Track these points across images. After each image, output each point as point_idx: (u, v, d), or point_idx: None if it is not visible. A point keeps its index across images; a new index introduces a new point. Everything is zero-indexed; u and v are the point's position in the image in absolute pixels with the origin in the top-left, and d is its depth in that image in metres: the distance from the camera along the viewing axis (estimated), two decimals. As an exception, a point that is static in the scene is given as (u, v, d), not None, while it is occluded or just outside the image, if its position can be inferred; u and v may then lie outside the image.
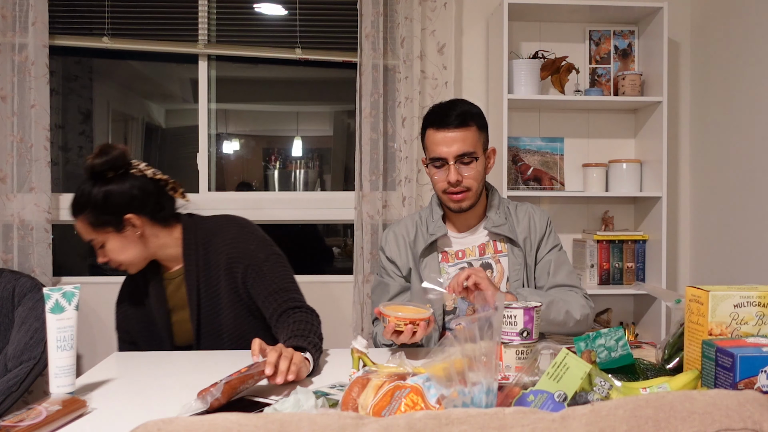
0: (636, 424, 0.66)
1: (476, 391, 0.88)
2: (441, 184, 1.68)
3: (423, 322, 1.38)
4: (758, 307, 1.06)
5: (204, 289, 1.64)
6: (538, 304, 1.24)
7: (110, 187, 1.56)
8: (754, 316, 1.06)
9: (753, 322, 1.06)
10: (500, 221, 1.74)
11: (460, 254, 1.75)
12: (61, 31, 2.84)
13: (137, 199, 1.58)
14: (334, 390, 1.19)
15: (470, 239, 1.76)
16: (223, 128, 3.15)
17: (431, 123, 1.69)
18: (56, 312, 1.21)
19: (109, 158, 1.55)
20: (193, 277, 1.63)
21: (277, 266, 1.64)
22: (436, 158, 1.67)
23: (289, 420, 0.67)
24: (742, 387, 0.95)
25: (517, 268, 1.71)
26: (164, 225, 1.65)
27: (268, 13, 3.03)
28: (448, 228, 1.77)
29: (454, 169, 1.64)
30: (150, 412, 1.13)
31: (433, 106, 1.77)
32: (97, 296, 2.82)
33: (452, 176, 1.64)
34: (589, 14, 2.94)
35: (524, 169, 2.99)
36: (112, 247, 1.60)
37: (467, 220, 1.76)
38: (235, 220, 1.71)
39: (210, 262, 1.64)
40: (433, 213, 1.77)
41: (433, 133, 1.67)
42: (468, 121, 1.66)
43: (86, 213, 1.56)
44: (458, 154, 1.65)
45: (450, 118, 1.65)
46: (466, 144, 1.65)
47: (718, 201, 2.88)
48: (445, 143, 1.65)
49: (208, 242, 1.65)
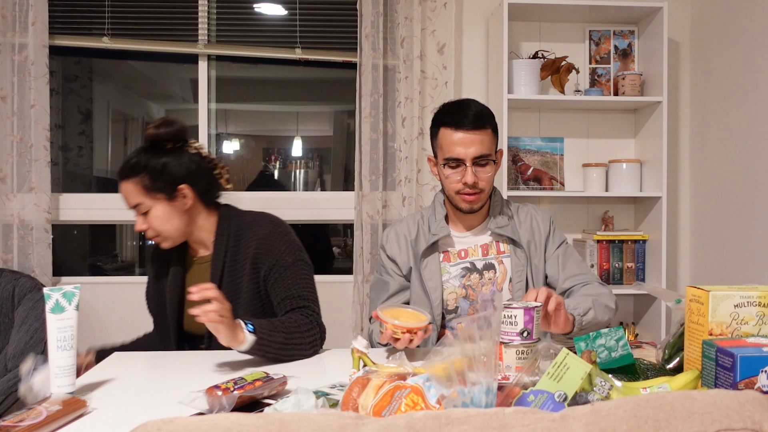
0: (636, 424, 0.67)
1: (476, 391, 0.88)
2: (455, 185, 1.66)
3: (420, 331, 1.37)
4: (758, 307, 1.06)
5: (227, 279, 1.64)
6: (538, 304, 1.24)
7: (168, 157, 1.60)
8: (755, 316, 1.06)
9: (753, 322, 1.06)
10: (503, 222, 1.73)
11: (463, 254, 1.74)
12: (61, 31, 2.84)
13: (193, 173, 1.63)
14: (334, 390, 1.19)
15: (473, 239, 1.75)
16: (223, 128, 3.15)
17: (447, 122, 1.65)
18: (56, 312, 1.21)
19: (171, 130, 1.61)
20: (219, 265, 1.64)
21: (301, 273, 1.64)
22: (453, 159, 1.64)
23: (290, 420, 0.67)
24: (743, 387, 0.96)
25: (519, 270, 1.71)
26: (207, 206, 1.69)
27: (268, 13, 3.04)
28: (451, 228, 1.76)
29: (471, 171, 1.62)
30: (150, 412, 1.13)
31: (446, 104, 1.73)
32: (97, 296, 2.82)
33: (469, 178, 1.62)
34: (589, 14, 2.94)
35: (524, 169, 2.99)
36: (158, 215, 1.61)
37: (472, 221, 1.75)
38: (271, 218, 1.72)
39: (238, 254, 1.65)
40: (436, 213, 1.76)
41: (450, 133, 1.64)
42: (485, 123, 1.64)
43: (141, 176, 1.59)
44: (476, 156, 1.62)
45: (468, 119, 1.62)
46: (483, 146, 1.63)
47: (718, 201, 2.88)
48: (463, 144, 1.62)
49: (240, 234, 1.66)
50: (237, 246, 1.65)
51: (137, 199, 1.60)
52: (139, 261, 3.27)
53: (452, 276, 1.72)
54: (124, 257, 3.25)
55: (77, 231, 3.13)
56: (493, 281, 1.72)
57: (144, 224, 1.62)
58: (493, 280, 1.72)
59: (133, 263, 3.27)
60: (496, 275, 1.72)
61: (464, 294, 1.72)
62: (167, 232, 1.63)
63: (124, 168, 1.60)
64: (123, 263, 3.23)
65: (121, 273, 3.23)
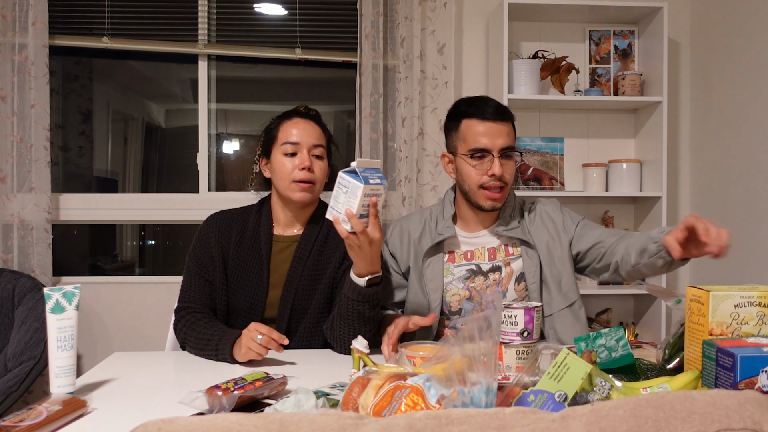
0: (636, 424, 0.67)
1: (476, 391, 0.88)
2: (479, 178, 1.60)
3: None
4: (759, 307, 1.06)
5: (313, 259, 1.66)
6: (538, 304, 1.24)
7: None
8: (755, 316, 1.06)
9: (753, 322, 1.06)
10: (514, 224, 1.68)
11: (469, 255, 1.69)
12: (61, 31, 2.84)
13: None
14: (334, 390, 1.19)
15: (481, 240, 1.70)
16: (223, 128, 3.15)
17: (471, 113, 1.61)
18: (57, 312, 1.21)
19: None
20: (309, 245, 1.66)
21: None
22: (479, 149, 1.59)
23: (290, 420, 0.67)
24: (743, 387, 0.95)
25: (532, 270, 1.65)
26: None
27: (268, 13, 3.04)
28: (459, 228, 1.72)
29: (498, 161, 1.58)
30: (150, 412, 1.13)
31: (464, 98, 1.71)
32: (97, 296, 2.82)
33: (497, 169, 1.57)
34: (589, 14, 2.94)
35: (524, 169, 2.99)
36: (325, 167, 1.68)
37: (483, 221, 1.70)
38: None
39: (329, 240, 1.68)
40: (444, 211, 1.72)
41: (475, 123, 1.60)
42: (508, 116, 1.63)
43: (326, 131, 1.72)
44: (503, 147, 1.59)
45: (492, 109, 1.60)
46: (510, 138, 1.61)
47: (718, 201, 2.88)
48: (490, 135, 1.58)
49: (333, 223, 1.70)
50: (328, 232, 1.68)
51: (321, 140, 1.68)
52: (139, 261, 3.27)
53: (456, 277, 1.68)
54: (124, 257, 3.25)
55: (77, 231, 3.13)
56: (498, 282, 1.68)
57: (307, 164, 1.64)
58: (498, 281, 1.68)
59: (133, 263, 3.26)
60: (501, 276, 1.68)
61: (468, 296, 1.68)
62: (321, 183, 1.68)
63: (316, 113, 1.72)
64: (123, 263, 3.23)
65: (121, 273, 3.23)
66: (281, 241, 1.69)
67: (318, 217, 1.70)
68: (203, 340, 1.52)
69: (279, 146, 1.65)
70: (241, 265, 1.66)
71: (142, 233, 3.26)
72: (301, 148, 1.64)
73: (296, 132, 1.65)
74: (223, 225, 1.70)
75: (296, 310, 1.64)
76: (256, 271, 1.65)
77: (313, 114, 1.73)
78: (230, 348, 1.46)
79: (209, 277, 1.66)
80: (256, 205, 1.76)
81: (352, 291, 1.47)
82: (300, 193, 1.63)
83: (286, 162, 1.63)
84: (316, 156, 1.66)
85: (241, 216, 1.73)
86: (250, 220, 1.71)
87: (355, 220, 1.33)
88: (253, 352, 1.40)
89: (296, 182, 1.62)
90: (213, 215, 1.74)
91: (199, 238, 1.70)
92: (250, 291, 1.65)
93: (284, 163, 1.63)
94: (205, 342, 1.51)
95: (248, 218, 1.72)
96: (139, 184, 3.19)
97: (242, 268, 1.66)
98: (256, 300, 1.65)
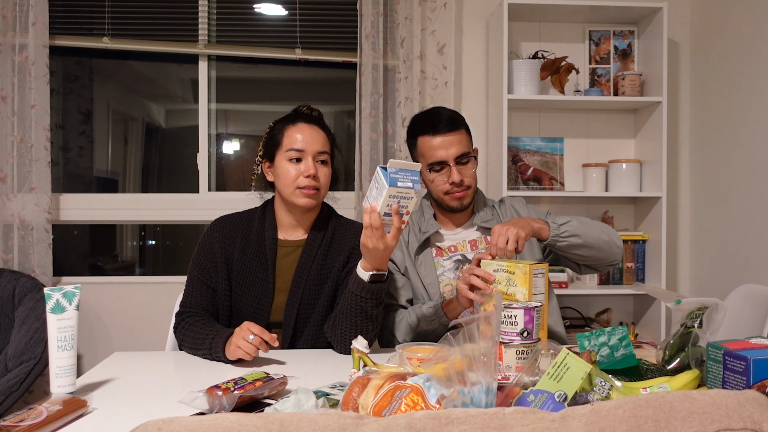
0: (636, 424, 0.67)
1: (476, 391, 0.88)
2: (442, 186, 1.74)
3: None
4: (506, 273, 1.39)
5: (317, 263, 1.67)
6: (538, 304, 1.24)
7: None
8: (504, 279, 1.39)
9: (503, 283, 1.39)
10: (488, 216, 1.82)
11: (453, 248, 1.81)
12: (61, 31, 2.84)
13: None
14: (334, 390, 1.19)
15: (461, 235, 1.83)
16: (223, 128, 3.15)
17: (423, 130, 1.75)
18: (57, 312, 1.21)
19: None
20: (314, 250, 1.67)
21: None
22: (436, 162, 1.72)
23: (290, 420, 0.67)
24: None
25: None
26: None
27: (268, 13, 3.04)
28: (440, 226, 1.83)
29: (456, 170, 1.72)
30: (150, 412, 1.13)
31: (417, 115, 1.85)
32: (97, 296, 2.82)
33: (455, 176, 1.71)
34: (588, 14, 2.94)
35: (524, 169, 2.99)
36: (328, 173, 1.68)
37: (459, 219, 1.83)
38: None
39: (333, 244, 1.70)
40: (424, 213, 1.84)
41: (429, 139, 1.73)
42: (458, 124, 1.75)
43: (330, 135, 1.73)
44: (457, 155, 1.72)
45: (443, 123, 1.73)
46: (462, 145, 1.73)
47: (718, 201, 2.88)
48: (443, 147, 1.72)
49: (337, 227, 1.73)
50: (333, 237, 1.70)
51: (327, 147, 1.68)
52: (139, 261, 3.27)
53: (446, 269, 1.79)
54: (124, 257, 3.25)
55: (77, 231, 3.13)
56: None
57: (313, 172, 1.63)
58: None
59: (133, 263, 3.27)
60: None
61: None
62: (323, 190, 1.68)
63: (319, 114, 1.73)
64: (123, 263, 3.23)
65: (122, 273, 3.23)
66: (286, 245, 1.70)
67: (322, 221, 1.71)
68: (198, 340, 1.52)
69: (283, 152, 1.65)
70: (246, 270, 1.66)
71: (142, 233, 3.26)
72: (306, 155, 1.63)
73: (301, 138, 1.64)
74: (227, 230, 1.70)
75: (302, 314, 1.65)
76: (262, 277, 1.65)
77: (317, 116, 1.73)
78: (222, 346, 1.46)
79: (211, 283, 1.66)
80: (259, 209, 1.75)
81: (356, 286, 1.49)
82: (305, 199, 1.63)
83: (290, 168, 1.63)
84: (321, 161, 1.66)
85: (244, 220, 1.72)
86: (254, 225, 1.71)
87: (375, 215, 1.37)
88: (242, 351, 1.40)
89: (301, 188, 1.63)
90: (217, 220, 1.73)
91: (203, 244, 1.69)
92: (255, 296, 1.65)
93: (289, 169, 1.63)
94: (200, 341, 1.52)
95: (252, 223, 1.72)
96: (140, 184, 3.19)
97: (247, 273, 1.66)
98: (261, 305, 1.65)
